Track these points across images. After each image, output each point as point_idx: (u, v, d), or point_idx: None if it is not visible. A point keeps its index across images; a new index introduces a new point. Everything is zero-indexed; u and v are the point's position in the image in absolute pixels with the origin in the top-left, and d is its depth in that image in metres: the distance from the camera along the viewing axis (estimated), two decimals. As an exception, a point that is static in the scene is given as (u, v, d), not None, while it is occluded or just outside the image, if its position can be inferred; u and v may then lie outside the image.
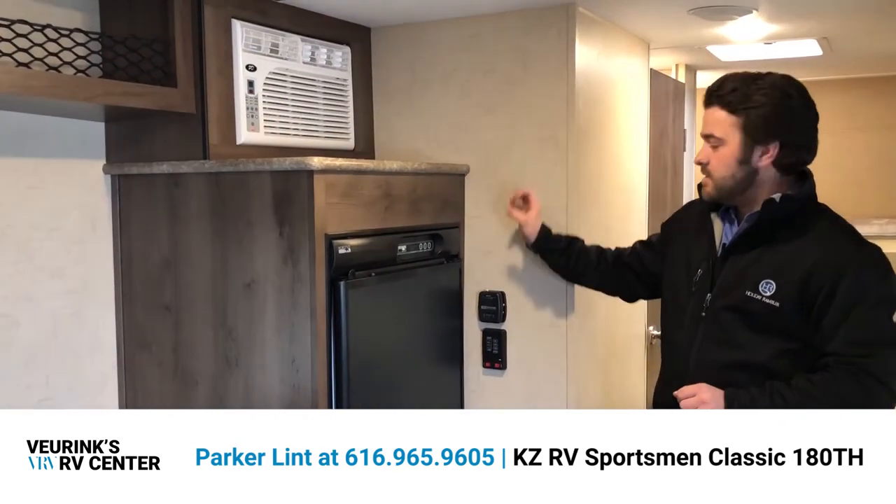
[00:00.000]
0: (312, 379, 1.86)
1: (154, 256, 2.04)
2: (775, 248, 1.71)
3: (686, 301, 1.84)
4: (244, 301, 1.92)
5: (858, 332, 1.64)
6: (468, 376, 2.45)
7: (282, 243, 1.86)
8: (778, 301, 1.68)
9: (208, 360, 1.99)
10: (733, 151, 1.70)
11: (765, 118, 1.67)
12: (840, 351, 1.65)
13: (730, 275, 1.75)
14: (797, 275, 1.67)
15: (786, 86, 1.70)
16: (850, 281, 1.64)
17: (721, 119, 1.71)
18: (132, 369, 2.10)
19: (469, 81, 2.38)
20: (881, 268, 1.69)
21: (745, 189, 1.73)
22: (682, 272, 1.87)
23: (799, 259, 1.68)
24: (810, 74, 4.29)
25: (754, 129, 1.68)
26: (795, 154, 1.71)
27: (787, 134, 1.69)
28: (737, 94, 1.69)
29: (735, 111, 1.69)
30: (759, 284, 1.70)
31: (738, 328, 1.73)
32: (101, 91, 1.74)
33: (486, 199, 2.39)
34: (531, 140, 2.32)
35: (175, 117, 1.94)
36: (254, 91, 2.04)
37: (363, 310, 1.96)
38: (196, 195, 1.97)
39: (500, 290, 2.39)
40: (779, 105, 1.67)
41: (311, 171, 1.82)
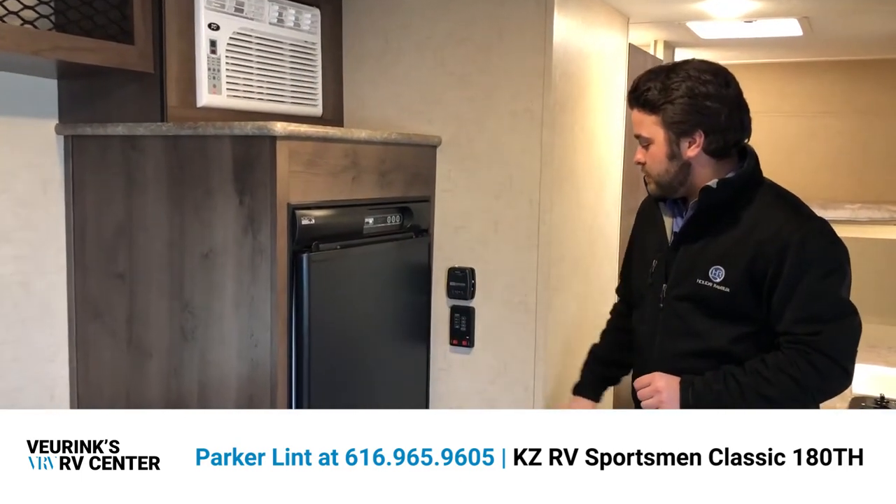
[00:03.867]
0: (272, 354, 1.79)
1: (108, 223, 1.95)
2: (721, 232, 1.71)
3: (646, 293, 1.84)
4: (202, 272, 1.84)
5: (806, 309, 1.63)
6: (435, 354, 2.40)
7: (242, 212, 1.78)
8: (728, 286, 1.68)
9: (163, 333, 1.91)
10: (661, 148, 1.71)
11: (682, 111, 1.67)
12: (790, 329, 1.64)
13: (682, 264, 1.75)
14: (743, 258, 1.66)
15: (700, 72, 1.68)
16: (793, 257, 1.63)
17: (643, 120, 1.72)
18: (84, 340, 2.02)
19: (443, 50, 2.30)
20: (825, 239, 1.66)
21: (683, 180, 1.73)
22: (641, 265, 1.88)
23: (743, 242, 1.67)
24: (788, 56, 4.28)
25: (674, 124, 1.68)
26: (723, 138, 1.69)
27: (708, 121, 1.67)
28: (651, 92, 1.69)
29: (653, 110, 1.69)
30: (709, 271, 1.70)
31: (695, 316, 1.73)
32: (50, 45, 1.63)
33: (459, 173, 2.32)
34: (505, 112, 2.26)
35: (132, 76, 1.85)
36: (216, 51, 1.94)
37: (327, 284, 1.89)
38: (153, 159, 1.88)
39: (469, 266, 2.33)
40: (694, 95, 1.66)
41: (274, 136, 1.74)
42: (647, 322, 1.83)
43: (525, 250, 2.27)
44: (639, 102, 1.72)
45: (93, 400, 2.01)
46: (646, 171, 1.77)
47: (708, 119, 1.67)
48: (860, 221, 3.78)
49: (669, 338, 1.77)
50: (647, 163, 1.75)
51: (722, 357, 1.69)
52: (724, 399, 1.65)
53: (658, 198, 1.81)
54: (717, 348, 1.70)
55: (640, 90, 1.71)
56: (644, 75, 1.74)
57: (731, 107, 1.68)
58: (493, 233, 2.31)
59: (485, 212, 2.31)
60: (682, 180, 1.73)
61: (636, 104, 1.73)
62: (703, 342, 1.72)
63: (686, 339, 1.74)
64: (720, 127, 1.67)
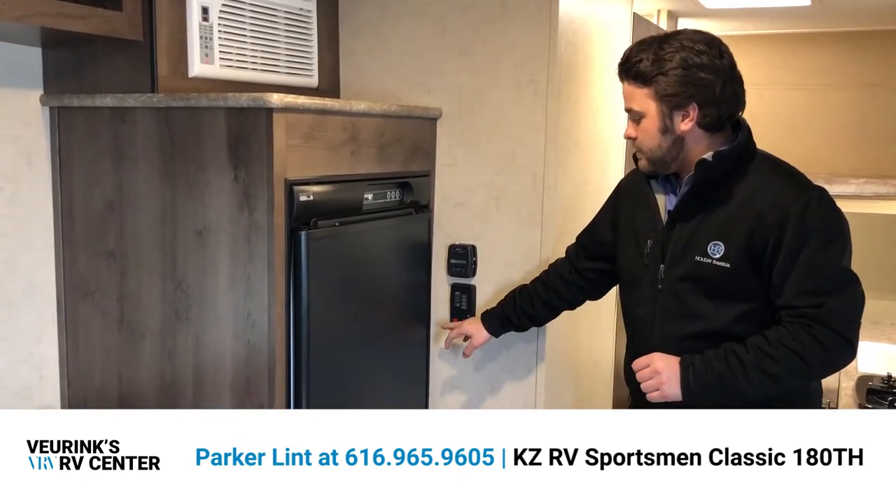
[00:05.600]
0: (269, 335, 1.73)
1: (97, 198, 1.87)
2: (718, 207, 1.66)
3: (641, 275, 1.78)
4: (195, 250, 1.77)
5: (808, 281, 1.58)
6: (435, 333, 2.34)
7: (237, 188, 1.71)
8: (728, 262, 1.63)
9: (156, 312, 1.84)
10: (653, 122, 1.65)
11: (675, 83, 1.61)
12: (791, 303, 1.60)
13: (679, 242, 1.70)
14: (742, 231, 1.62)
15: (693, 43, 1.61)
16: (793, 228, 1.58)
17: (634, 92, 1.66)
18: (73, 319, 1.95)
19: (444, 18, 2.22)
20: (824, 208, 1.61)
21: (676, 155, 1.67)
22: (633, 246, 1.81)
23: (742, 215, 1.62)
24: (793, 27, 4.20)
25: (667, 97, 1.62)
26: (717, 111, 1.63)
27: (702, 93, 1.61)
28: (643, 64, 1.62)
29: (645, 82, 1.63)
30: (707, 247, 1.65)
31: (695, 297, 1.68)
32: (33, 10, 1.55)
33: (460, 147, 2.25)
34: (509, 84, 2.18)
35: (120, 45, 1.76)
36: (208, 19, 1.86)
37: (325, 262, 1.83)
38: (143, 132, 1.80)
39: (470, 243, 2.27)
40: (687, 66, 1.60)
41: (271, 108, 1.66)
42: (643, 304, 1.77)
43: (528, 227, 2.20)
44: (630, 74, 1.65)
45: (83, 382, 1.94)
46: (637, 146, 1.71)
47: (702, 91, 1.60)
48: (865, 196, 3.73)
49: (669, 320, 1.72)
50: (638, 137, 1.69)
51: (723, 337, 1.65)
52: (727, 378, 1.60)
53: (649, 174, 1.75)
54: (718, 329, 1.66)
55: (632, 61, 1.64)
56: (635, 46, 1.67)
57: (726, 78, 1.62)
58: (495, 209, 2.24)
59: (486, 187, 2.24)
60: (675, 155, 1.67)
61: (627, 76, 1.67)
62: (704, 323, 1.67)
63: (686, 321, 1.69)
64: (715, 99, 1.61)
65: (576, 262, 2.04)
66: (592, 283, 2.05)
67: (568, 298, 2.07)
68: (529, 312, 2.07)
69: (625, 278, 1.87)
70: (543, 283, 2.07)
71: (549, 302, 2.06)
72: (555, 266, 2.09)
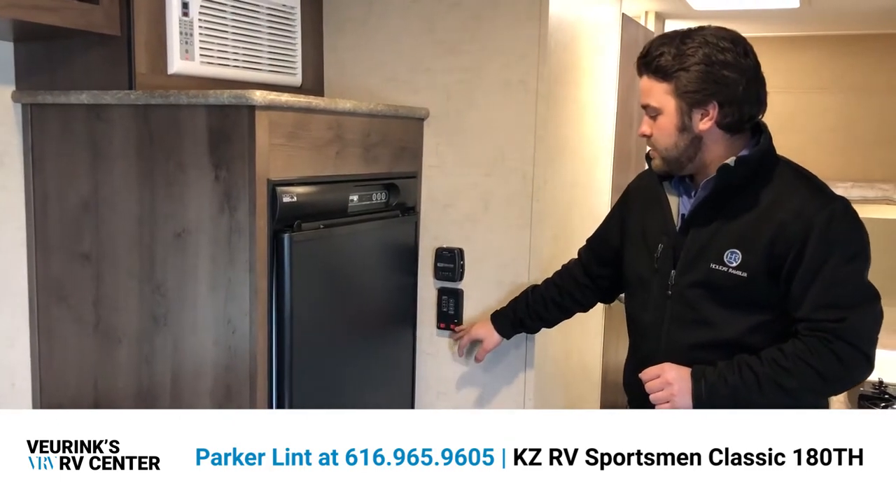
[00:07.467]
0: (251, 341, 1.67)
1: (72, 198, 1.81)
2: (736, 214, 1.60)
3: (650, 280, 1.73)
4: (174, 253, 1.71)
5: (829, 294, 1.54)
6: (421, 338, 2.29)
7: (218, 188, 1.65)
8: (745, 271, 1.58)
9: (132, 317, 1.77)
10: (671, 119, 1.60)
11: (697, 80, 1.56)
12: (811, 316, 1.55)
13: (692, 248, 1.65)
14: (762, 241, 1.57)
15: (718, 39, 1.56)
16: (817, 239, 1.53)
17: (653, 87, 1.61)
18: (47, 324, 1.88)
19: (432, 15, 2.17)
20: (849, 220, 1.57)
21: (693, 156, 1.62)
22: (642, 249, 1.76)
23: (762, 223, 1.57)
24: (782, 30, 4.19)
25: (688, 93, 1.57)
26: (738, 111, 1.58)
27: (724, 92, 1.56)
28: (664, 58, 1.57)
29: (665, 77, 1.58)
30: (724, 255, 1.60)
31: (707, 305, 1.63)
32: (5, 2, 1.48)
33: (447, 147, 2.20)
34: (498, 83, 2.13)
35: (96, 39, 1.70)
36: (188, 14, 1.80)
37: (309, 265, 1.77)
38: (121, 130, 1.73)
39: (458, 246, 2.22)
40: (710, 63, 1.55)
41: (253, 106, 1.60)
42: (651, 310, 1.72)
43: (517, 229, 2.16)
44: (650, 69, 1.60)
45: (57, 389, 1.88)
46: (652, 144, 1.65)
47: (724, 89, 1.55)
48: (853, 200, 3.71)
49: (678, 327, 1.67)
50: (653, 135, 1.64)
51: (735, 348, 1.60)
52: (740, 391, 1.56)
53: (662, 175, 1.70)
54: (731, 338, 1.61)
55: (652, 55, 1.59)
56: (656, 40, 1.62)
57: (749, 78, 1.57)
58: (484, 211, 2.19)
59: (474, 189, 2.19)
60: (692, 156, 1.62)
61: (647, 70, 1.61)
62: (716, 332, 1.62)
63: (697, 329, 1.64)
64: (736, 99, 1.56)
65: (588, 268, 2.00)
66: (606, 288, 2.01)
67: (582, 301, 2.03)
68: (543, 315, 2.03)
69: (632, 282, 1.82)
70: (557, 285, 2.03)
71: (562, 305, 2.02)
72: (567, 268, 2.04)
